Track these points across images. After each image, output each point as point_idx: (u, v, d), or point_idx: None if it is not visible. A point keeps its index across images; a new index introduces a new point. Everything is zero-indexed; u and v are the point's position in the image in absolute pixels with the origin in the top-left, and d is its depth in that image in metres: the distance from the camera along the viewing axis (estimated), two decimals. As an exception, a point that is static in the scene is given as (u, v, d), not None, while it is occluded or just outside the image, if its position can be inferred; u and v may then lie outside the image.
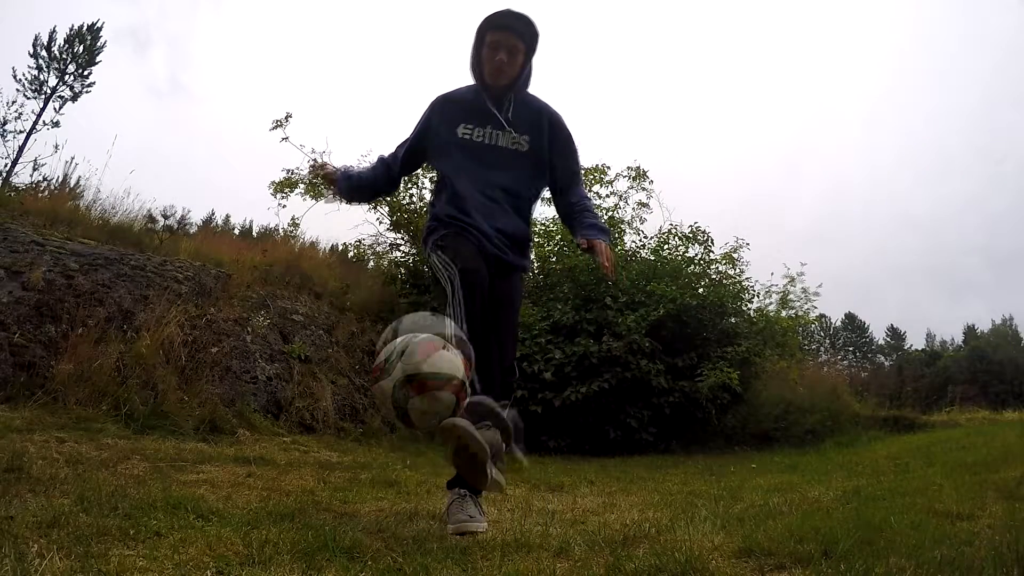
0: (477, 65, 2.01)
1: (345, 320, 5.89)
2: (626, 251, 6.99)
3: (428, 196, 6.45)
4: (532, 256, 7.14)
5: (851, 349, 41.87)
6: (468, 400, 1.61)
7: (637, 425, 5.65)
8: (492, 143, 2.00)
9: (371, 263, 7.61)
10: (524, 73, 2.02)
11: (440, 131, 2.02)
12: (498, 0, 2.02)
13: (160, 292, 4.32)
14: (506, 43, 1.94)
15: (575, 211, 2.10)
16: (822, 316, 33.56)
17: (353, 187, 2.19)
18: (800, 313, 7.23)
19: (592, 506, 2.42)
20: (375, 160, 2.20)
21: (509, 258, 1.98)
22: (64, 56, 13.75)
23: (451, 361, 1.55)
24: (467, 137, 2.00)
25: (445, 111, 2.04)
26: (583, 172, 8.13)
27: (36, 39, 13.76)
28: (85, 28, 14.19)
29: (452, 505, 1.84)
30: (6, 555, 1.12)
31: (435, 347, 1.56)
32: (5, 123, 8.99)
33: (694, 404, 5.90)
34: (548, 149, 2.07)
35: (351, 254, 7.99)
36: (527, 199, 2.09)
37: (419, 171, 6.37)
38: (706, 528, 1.82)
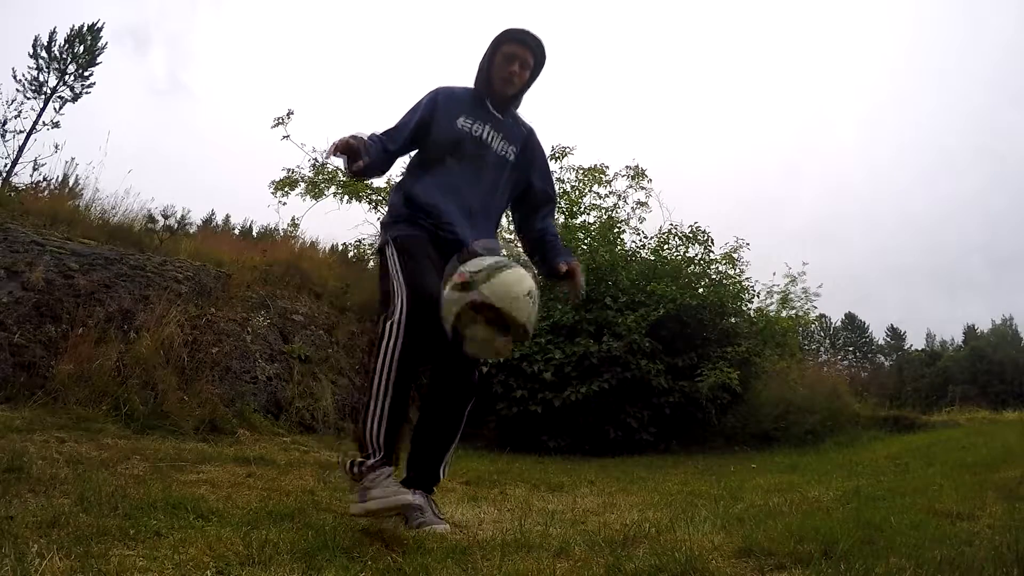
0: (487, 71, 2.04)
1: (345, 320, 5.89)
2: (626, 251, 6.98)
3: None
4: None
5: (851, 349, 41.90)
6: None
7: (637, 425, 5.65)
8: (488, 142, 2.02)
9: (371, 263, 7.61)
10: (523, 90, 2.09)
11: (442, 117, 2.02)
12: (498, 11, 2.07)
13: (160, 292, 4.32)
14: (521, 57, 2.01)
15: (548, 239, 2.13)
16: (822, 316, 33.59)
17: (372, 164, 1.96)
18: (800, 313, 7.24)
19: (592, 506, 2.42)
20: (373, 137, 2.04)
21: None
22: (64, 56, 13.74)
23: (528, 309, 1.62)
24: (466, 129, 2.01)
25: (450, 101, 2.05)
26: (583, 172, 8.06)
27: (36, 39, 13.74)
28: (85, 28, 14.17)
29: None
30: (6, 555, 1.12)
31: (522, 289, 1.61)
32: (5, 123, 8.97)
33: (694, 404, 5.90)
34: (528, 168, 2.11)
35: (351, 254, 8.00)
36: (500, 208, 2.11)
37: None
38: (706, 528, 1.82)
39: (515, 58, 2.01)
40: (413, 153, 2.09)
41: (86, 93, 13.83)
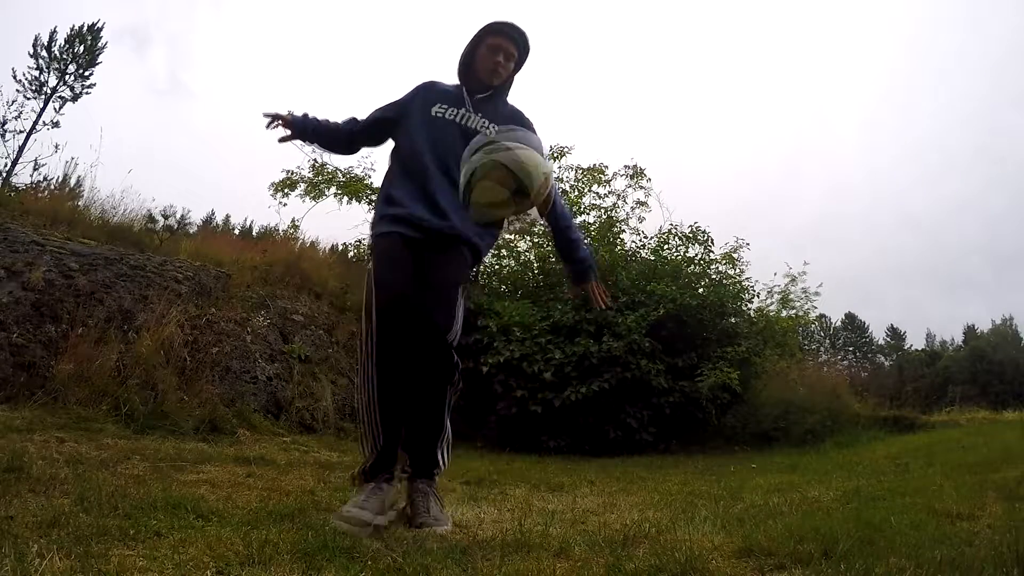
0: (469, 62, 2.08)
1: (345, 320, 5.89)
2: (626, 251, 6.99)
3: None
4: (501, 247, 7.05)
5: (851, 349, 41.83)
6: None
7: (637, 425, 5.65)
8: (461, 122, 2.04)
9: (370, 264, 7.60)
10: (508, 80, 2.13)
11: (416, 109, 2.07)
12: (491, 7, 2.08)
13: (160, 292, 4.32)
14: (505, 49, 2.05)
15: (569, 243, 2.14)
16: (822, 316, 33.59)
17: (311, 128, 2.16)
18: (800, 313, 7.25)
19: (592, 506, 2.42)
20: (346, 120, 2.19)
21: (452, 224, 1.94)
22: (64, 56, 13.71)
23: (540, 183, 1.65)
24: (439, 115, 2.04)
25: (429, 94, 2.10)
26: (582, 172, 8.04)
27: (36, 39, 13.70)
28: (85, 28, 14.15)
29: (415, 502, 1.86)
30: (6, 555, 1.12)
31: (539, 169, 1.65)
32: (5, 123, 8.96)
33: (694, 404, 5.91)
34: None
35: (351, 254, 8.00)
36: None
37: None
38: (706, 528, 1.82)
39: (499, 50, 2.04)
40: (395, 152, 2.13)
41: (86, 93, 13.79)
